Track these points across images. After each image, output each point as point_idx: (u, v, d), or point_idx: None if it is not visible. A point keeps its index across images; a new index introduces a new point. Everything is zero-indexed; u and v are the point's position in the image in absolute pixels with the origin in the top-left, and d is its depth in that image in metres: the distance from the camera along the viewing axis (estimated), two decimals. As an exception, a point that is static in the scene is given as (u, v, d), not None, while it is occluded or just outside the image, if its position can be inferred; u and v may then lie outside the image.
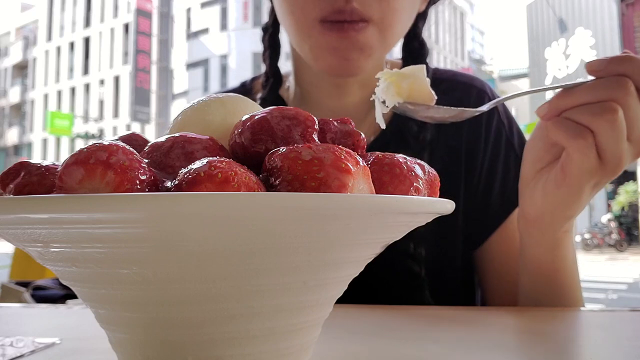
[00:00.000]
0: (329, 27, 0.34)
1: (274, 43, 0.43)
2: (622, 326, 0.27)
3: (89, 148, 0.14)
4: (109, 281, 0.15)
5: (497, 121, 0.41)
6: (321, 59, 0.36)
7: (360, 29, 0.34)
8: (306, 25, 0.35)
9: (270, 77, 0.43)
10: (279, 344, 0.16)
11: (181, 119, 0.19)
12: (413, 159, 0.16)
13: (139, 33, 14.51)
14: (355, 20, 0.34)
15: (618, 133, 0.25)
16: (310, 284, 0.15)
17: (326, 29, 0.34)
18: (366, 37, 0.34)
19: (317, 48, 0.36)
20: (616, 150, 0.26)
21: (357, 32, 0.34)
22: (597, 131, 0.25)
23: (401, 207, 0.14)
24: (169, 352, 0.15)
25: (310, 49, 0.36)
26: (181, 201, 0.12)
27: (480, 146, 0.40)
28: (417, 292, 0.36)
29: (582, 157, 0.26)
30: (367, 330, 0.25)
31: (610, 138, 0.25)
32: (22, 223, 0.13)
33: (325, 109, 0.41)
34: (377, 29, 0.35)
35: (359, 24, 0.34)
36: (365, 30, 0.34)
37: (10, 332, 0.25)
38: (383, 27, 0.35)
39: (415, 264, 0.36)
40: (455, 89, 0.42)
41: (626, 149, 0.26)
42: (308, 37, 0.36)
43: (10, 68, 19.70)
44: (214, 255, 0.14)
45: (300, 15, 0.35)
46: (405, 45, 0.42)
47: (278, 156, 0.14)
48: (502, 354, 0.21)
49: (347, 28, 0.34)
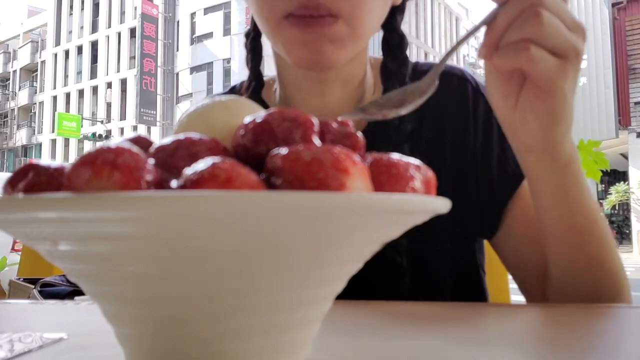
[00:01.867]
0: (296, 22, 0.34)
1: (255, 47, 0.44)
2: (617, 322, 0.27)
3: (96, 150, 0.14)
4: (115, 278, 0.15)
5: (484, 106, 0.41)
6: (293, 53, 0.36)
7: (328, 23, 0.34)
8: (275, 21, 0.35)
9: (253, 81, 0.43)
10: (279, 339, 0.16)
11: (185, 121, 0.19)
12: (410, 158, 0.17)
13: (144, 37, 14.65)
14: (322, 15, 0.34)
15: (555, 28, 0.25)
16: (310, 280, 0.16)
17: (293, 24, 0.34)
18: (335, 31, 0.34)
19: (288, 43, 0.36)
20: (565, 42, 0.26)
21: (325, 27, 0.34)
22: (533, 35, 0.25)
23: (398, 206, 0.14)
24: (173, 347, 0.16)
25: (283, 44, 0.36)
26: (185, 200, 0.12)
27: (469, 132, 0.40)
28: (398, 280, 0.36)
29: (540, 62, 0.26)
30: (366, 326, 0.26)
31: (552, 35, 0.25)
32: (31, 222, 0.14)
33: (309, 108, 0.41)
34: (346, 23, 0.34)
35: (326, 19, 0.34)
36: (333, 25, 0.34)
37: (19, 328, 0.26)
38: (352, 21, 0.34)
39: (397, 254, 0.36)
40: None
41: (571, 36, 0.26)
42: (278, 33, 0.36)
43: (19, 71, 19.99)
44: (216, 253, 0.14)
45: (268, 12, 0.36)
46: (385, 39, 0.42)
47: (279, 157, 0.15)
48: (501, 353, 0.21)
49: (314, 23, 0.34)
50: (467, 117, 0.41)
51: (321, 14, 0.34)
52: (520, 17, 0.25)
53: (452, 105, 0.41)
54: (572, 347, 0.22)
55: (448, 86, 0.41)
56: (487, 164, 0.40)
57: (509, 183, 0.39)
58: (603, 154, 1.00)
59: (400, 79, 0.40)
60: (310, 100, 0.41)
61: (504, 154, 0.40)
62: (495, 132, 0.40)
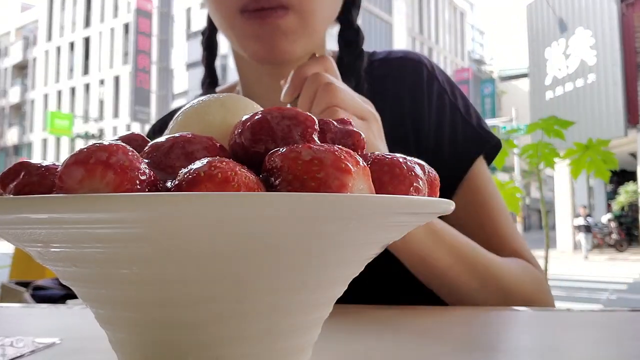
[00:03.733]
0: (249, 16, 0.35)
1: (210, 44, 0.44)
2: (622, 326, 0.27)
3: (88, 148, 0.14)
4: (109, 281, 0.15)
5: (437, 88, 0.42)
6: (247, 47, 0.37)
7: (280, 16, 0.34)
8: (229, 15, 0.36)
9: (207, 78, 0.44)
10: (278, 344, 0.16)
11: (181, 119, 0.19)
12: (413, 159, 0.16)
13: (139, 33, 14.52)
14: (273, 7, 0.34)
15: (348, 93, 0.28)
16: (310, 284, 0.15)
17: (246, 17, 0.35)
18: (287, 23, 0.35)
19: (241, 37, 0.36)
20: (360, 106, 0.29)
21: (277, 19, 0.35)
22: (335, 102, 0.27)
23: (401, 207, 0.14)
24: (168, 352, 0.15)
25: (237, 39, 0.37)
26: (181, 201, 0.12)
27: (424, 113, 0.41)
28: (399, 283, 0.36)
29: None
30: (367, 331, 0.25)
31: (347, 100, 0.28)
32: (22, 223, 0.13)
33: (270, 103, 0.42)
34: (298, 15, 0.35)
35: (278, 11, 0.34)
36: (285, 17, 0.35)
37: (10, 332, 0.25)
38: (303, 13, 0.35)
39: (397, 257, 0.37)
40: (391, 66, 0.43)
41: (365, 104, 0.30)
42: (232, 27, 0.36)
43: (10, 68, 19.71)
44: (213, 255, 0.14)
45: (221, 7, 0.36)
46: (341, 33, 0.42)
47: (278, 156, 0.14)
48: (502, 354, 0.21)
49: (266, 15, 0.34)
50: (422, 98, 0.42)
51: (272, 6, 0.34)
52: (318, 93, 0.28)
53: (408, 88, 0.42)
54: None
55: (404, 69, 0.42)
56: (439, 144, 0.41)
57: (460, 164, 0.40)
58: (612, 154, 1.00)
59: (356, 73, 0.41)
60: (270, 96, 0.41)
61: (455, 135, 0.41)
62: (447, 114, 0.41)
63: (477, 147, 0.41)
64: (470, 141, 0.41)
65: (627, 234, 8.91)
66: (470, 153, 0.40)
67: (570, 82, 8.63)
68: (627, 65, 7.84)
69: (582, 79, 8.39)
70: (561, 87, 8.81)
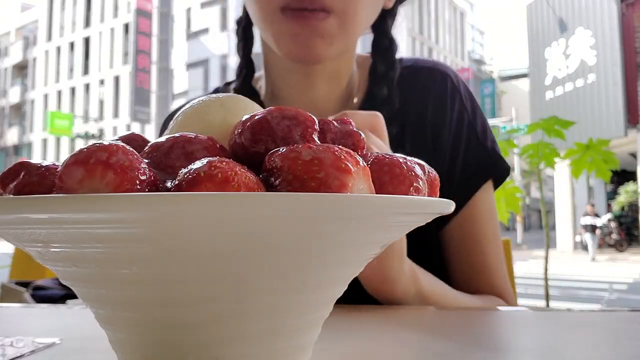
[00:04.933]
0: (290, 15, 0.35)
1: (246, 35, 0.44)
2: (622, 326, 0.27)
3: (88, 148, 0.14)
4: (109, 281, 0.15)
5: (459, 104, 0.42)
6: (283, 46, 0.37)
7: (321, 18, 0.35)
8: (269, 12, 0.36)
9: (244, 68, 0.44)
10: (278, 344, 0.16)
11: (181, 119, 0.19)
12: (413, 159, 0.16)
13: (139, 33, 14.51)
14: (315, 9, 0.35)
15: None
16: (310, 284, 0.15)
17: (287, 16, 0.35)
18: (326, 26, 0.35)
19: (279, 35, 0.36)
20: None
21: (318, 21, 0.35)
22: None
23: (401, 208, 0.14)
24: (168, 352, 0.15)
25: (273, 36, 0.37)
26: (181, 201, 0.12)
27: (445, 128, 0.42)
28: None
29: None
30: (367, 331, 0.25)
31: None
32: (22, 223, 0.13)
33: (295, 102, 0.42)
34: (338, 19, 0.35)
35: (320, 14, 0.35)
36: (326, 20, 0.35)
37: (10, 332, 0.25)
38: (344, 17, 0.35)
39: None
40: (418, 75, 0.43)
41: None
42: (270, 24, 0.36)
43: (10, 68, 19.71)
44: (213, 256, 0.14)
45: (263, 3, 0.36)
46: (375, 41, 0.43)
47: (278, 156, 0.14)
48: (502, 354, 0.21)
49: (308, 16, 0.35)
50: (445, 112, 0.42)
51: (314, 8, 0.34)
52: None
53: (433, 98, 0.42)
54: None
55: (432, 80, 0.43)
56: (453, 164, 0.41)
57: (467, 187, 0.41)
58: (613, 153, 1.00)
59: (389, 81, 0.41)
60: (296, 94, 0.41)
61: (468, 156, 0.41)
62: (464, 133, 0.42)
63: (487, 172, 0.42)
64: (481, 165, 0.41)
65: (627, 234, 8.89)
66: (479, 177, 0.41)
67: (570, 82, 8.62)
68: (627, 65, 7.82)
69: (582, 79, 8.38)
70: (561, 87, 8.81)
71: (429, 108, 0.42)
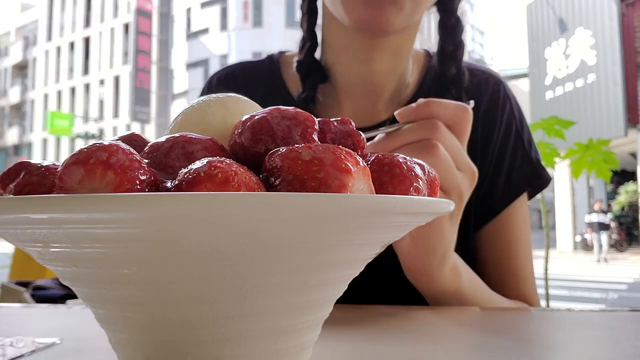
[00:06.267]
0: None
1: (311, 8, 0.44)
2: (622, 326, 0.27)
3: (89, 148, 0.14)
4: (109, 281, 0.15)
5: (508, 113, 0.42)
6: (353, 11, 0.36)
7: None
8: None
9: (308, 41, 0.44)
10: (278, 344, 0.16)
11: (181, 119, 0.19)
12: (413, 159, 0.16)
13: (139, 33, 14.51)
14: None
15: (445, 164, 0.27)
16: (310, 284, 0.15)
17: None
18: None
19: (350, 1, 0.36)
20: (451, 180, 0.28)
21: None
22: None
23: (401, 207, 0.14)
24: (168, 352, 0.15)
25: (343, 2, 0.37)
26: (181, 201, 0.12)
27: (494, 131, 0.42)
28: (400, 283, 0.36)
29: None
30: (367, 331, 0.25)
31: (441, 170, 0.27)
32: (22, 223, 0.13)
33: (354, 74, 0.42)
34: None
35: None
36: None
37: (10, 332, 0.25)
38: None
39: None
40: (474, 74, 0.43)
41: (460, 177, 0.28)
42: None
43: (10, 68, 19.70)
44: (213, 256, 0.14)
45: None
46: (442, 21, 0.43)
47: (278, 156, 0.14)
48: (503, 353, 0.21)
49: None
50: (495, 116, 0.42)
51: None
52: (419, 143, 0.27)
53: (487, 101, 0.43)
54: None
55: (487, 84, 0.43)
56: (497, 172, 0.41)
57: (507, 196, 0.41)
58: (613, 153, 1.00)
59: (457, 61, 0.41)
60: (355, 66, 0.41)
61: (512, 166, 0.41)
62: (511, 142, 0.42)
63: (529, 181, 0.42)
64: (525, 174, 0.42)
65: (627, 234, 8.88)
66: (522, 185, 0.41)
67: (570, 82, 8.62)
68: (627, 65, 7.81)
69: (582, 79, 8.38)
70: (561, 87, 8.81)
71: (481, 109, 0.42)
